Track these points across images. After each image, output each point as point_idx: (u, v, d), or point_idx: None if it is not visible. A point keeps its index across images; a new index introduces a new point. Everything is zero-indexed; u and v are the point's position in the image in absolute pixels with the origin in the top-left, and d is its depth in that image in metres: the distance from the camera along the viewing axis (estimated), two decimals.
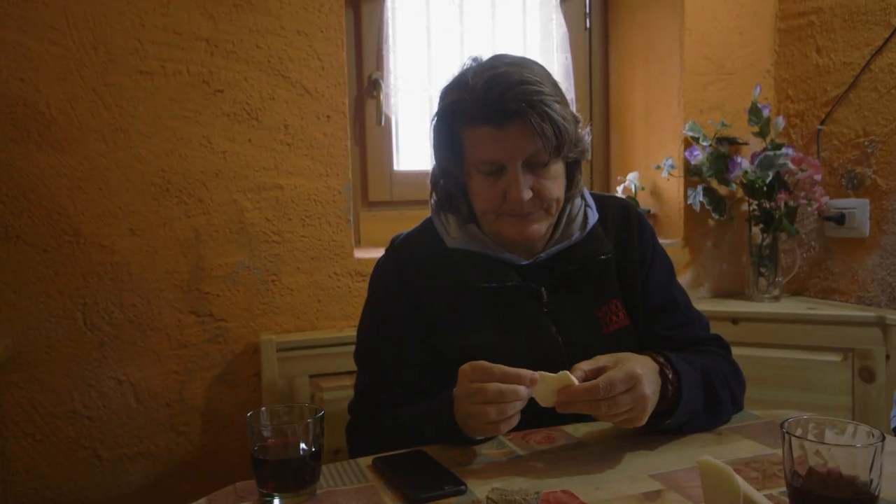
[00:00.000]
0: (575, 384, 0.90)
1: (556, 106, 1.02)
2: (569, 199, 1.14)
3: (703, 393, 1.03)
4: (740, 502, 0.57)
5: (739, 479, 0.59)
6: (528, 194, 1.03)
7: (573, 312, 1.12)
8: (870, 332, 1.74)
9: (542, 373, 0.92)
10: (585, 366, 0.94)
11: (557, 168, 1.07)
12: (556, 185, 1.07)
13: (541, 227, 1.08)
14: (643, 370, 0.92)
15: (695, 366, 1.03)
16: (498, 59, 1.06)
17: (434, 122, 1.11)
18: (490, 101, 1.00)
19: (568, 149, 1.06)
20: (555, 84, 1.06)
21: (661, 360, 1.00)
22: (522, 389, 0.90)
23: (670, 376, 0.98)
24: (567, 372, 0.91)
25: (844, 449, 0.72)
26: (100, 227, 1.56)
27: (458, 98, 1.05)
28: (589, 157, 1.16)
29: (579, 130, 1.09)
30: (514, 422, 0.92)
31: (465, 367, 0.94)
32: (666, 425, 0.99)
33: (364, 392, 1.16)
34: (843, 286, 1.96)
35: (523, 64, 1.05)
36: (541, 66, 1.08)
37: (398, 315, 1.13)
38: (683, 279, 2.04)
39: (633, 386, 0.90)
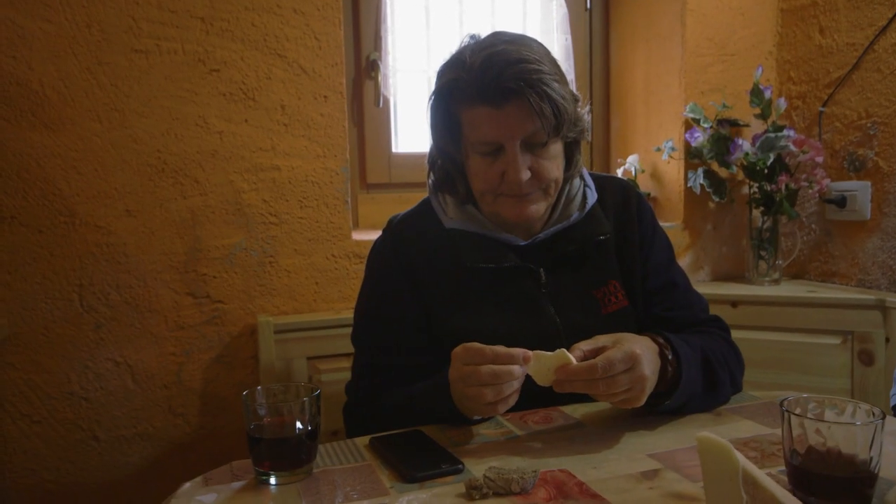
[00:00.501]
0: (572, 363, 0.90)
1: (555, 85, 1.00)
2: (567, 178, 1.12)
3: (703, 374, 1.02)
4: (739, 477, 0.57)
5: (739, 455, 0.59)
6: (526, 175, 1.02)
7: (571, 293, 1.11)
8: (870, 315, 1.73)
9: (538, 352, 0.91)
10: (584, 346, 0.93)
11: (556, 148, 1.06)
12: (554, 165, 1.06)
13: (539, 208, 1.07)
14: (642, 350, 0.92)
15: (694, 347, 1.03)
16: (496, 37, 1.04)
17: (431, 101, 1.09)
18: (488, 80, 0.98)
19: (567, 128, 1.05)
20: (554, 62, 1.04)
21: (661, 340, 0.99)
22: (516, 369, 0.89)
23: (670, 357, 0.97)
24: (564, 350, 0.91)
25: (844, 427, 0.72)
26: (95, 208, 1.55)
27: (455, 77, 1.03)
28: (588, 138, 1.15)
29: (579, 109, 1.08)
30: (512, 401, 0.91)
31: (457, 349, 0.93)
32: (665, 406, 0.98)
33: (361, 373, 1.15)
34: (844, 269, 1.95)
35: (522, 42, 1.03)
36: (539, 44, 1.06)
37: (396, 295, 1.12)
38: (683, 262, 2.03)
39: (631, 366, 0.90)
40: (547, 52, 1.05)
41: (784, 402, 0.75)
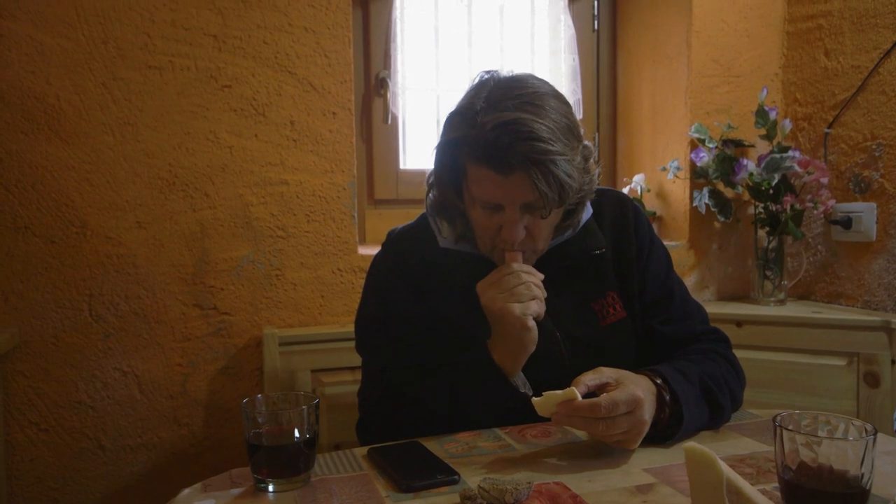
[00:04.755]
0: (578, 400, 0.91)
1: (563, 163, 0.97)
2: (566, 227, 1.12)
3: (706, 405, 1.02)
4: (723, 487, 0.58)
5: (723, 464, 0.59)
6: (521, 234, 1.03)
7: (569, 306, 1.12)
8: (875, 337, 1.73)
9: (549, 391, 0.92)
10: (589, 380, 0.94)
11: (556, 213, 1.06)
12: (549, 228, 1.07)
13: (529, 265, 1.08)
14: (644, 395, 0.93)
15: (692, 379, 1.02)
16: (512, 95, 0.98)
17: (437, 150, 1.08)
18: (497, 149, 0.96)
19: (571, 200, 1.04)
20: (567, 128, 1.00)
21: (659, 381, 0.99)
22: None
23: (667, 398, 0.98)
24: (573, 389, 0.92)
25: (835, 443, 0.72)
26: (107, 220, 1.58)
27: (465, 134, 1.01)
28: (593, 196, 1.13)
29: (589, 168, 1.05)
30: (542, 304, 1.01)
31: (481, 283, 1.03)
32: (667, 445, 0.98)
33: (374, 375, 1.15)
34: (849, 290, 1.94)
35: (537, 105, 0.97)
36: (555, 102, 1.00)
37: (400, 298, 1.13)
38: (688, 282, 2.04)
39: (633, 409, 0.91)
40: (563, 114, 1.00)
41: (777, 417, 0.76)
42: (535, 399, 0.93)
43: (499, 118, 0.96)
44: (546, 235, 1.07)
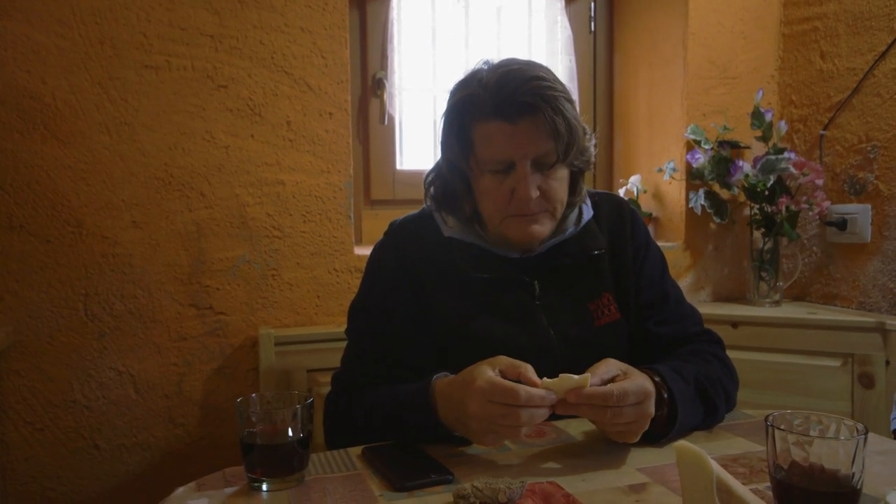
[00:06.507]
0: (588, 387, 0.91)
1: (569, 106, 1.03)
2: (571, 204, 1.14)
3: (700, 404, 1.02)
4: (713, 486, 0.58)
5: (713, 463, 0.60)
6: (535, 192, 1.04)
7: (565, 305, 1.12)
8: (870, 338, 1.73)
9: (564, 375, 0.92)
10: (603, 373, 0.93)
11: (563, 172, 1.08)
12: (561, 188, 1.08)
13: (544, 229, 1.08)
14: (652, 389, 0.93)
15: (688, 379, 1.03)
16: (510, 60, 1.08)
17: (444, 117, 1.11)
18: (504, 95, 1.01)
19: (575, 155, 1.07)
20: (566, 88, 1.07)
21: (658, 379, 0.99)
22: (545, 412, 0.89)
23: (665, 396, 0.98)
24: (588, 375, 0.91)
25: (826, 442, 0.72)
26: (103, 219, 1.58)
27: (470, 93, 1.05)
28: (592, 169, 1.17)
29: (586, 139, 1.10)
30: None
31: (482, 384, 0.88)
32: (661, 443, 0.99)
33: (352, 361, 1.15)
34: (845, 292, 1.95)
35: (537, 64, 1.08)
36: (552, 72, 1.09)
37: (394, 289, 1.13)
38: (684, 283, 2.04)
39: (641, 401, 0.91)
40: (559, 80, 1.08)
41: (769, 417, 0.76)
42: (546, 381, 0.92)
43: (501, 70, 1.03)
44: (560, 197, 1.08)
